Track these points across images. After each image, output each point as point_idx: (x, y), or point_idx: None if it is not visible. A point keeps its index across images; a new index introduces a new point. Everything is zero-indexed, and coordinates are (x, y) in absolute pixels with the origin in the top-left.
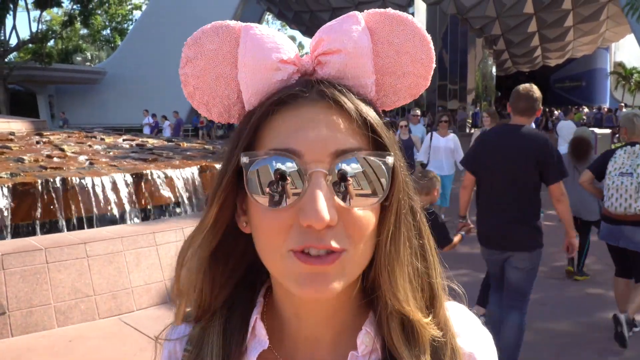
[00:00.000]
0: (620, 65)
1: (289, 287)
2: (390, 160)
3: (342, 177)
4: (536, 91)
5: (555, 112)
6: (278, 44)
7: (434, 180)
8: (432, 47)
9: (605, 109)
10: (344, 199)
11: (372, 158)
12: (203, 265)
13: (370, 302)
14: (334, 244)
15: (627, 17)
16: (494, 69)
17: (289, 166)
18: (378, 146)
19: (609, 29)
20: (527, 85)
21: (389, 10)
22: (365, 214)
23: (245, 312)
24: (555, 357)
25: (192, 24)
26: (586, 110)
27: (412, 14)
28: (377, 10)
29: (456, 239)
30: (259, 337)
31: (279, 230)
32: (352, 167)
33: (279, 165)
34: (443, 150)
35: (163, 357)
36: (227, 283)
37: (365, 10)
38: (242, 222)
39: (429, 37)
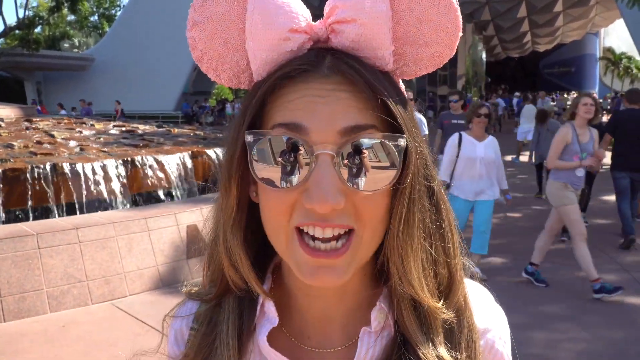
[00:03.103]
0: (610, 50)
1: (294, 271)
2: (402, 142)
3: (350, 161)
4: None
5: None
6: (287, 10)
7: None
8: (459, 14)
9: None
10: (351, 181)
11: (382, 140)
12: (235, 246)
13: (383, 277)
14: (339, 222)
15: (617, 2)
16: (483, 55)
17: (295, 146)
18: (391, 124)
19: (598, 14)
20: (636, 89)
21: None
22: (375, 195)
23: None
24: (548, 339)
25: (180, 10)
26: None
27: None
28: None
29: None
30: (268, 314)
31: (285, 210)
32: (360, 149)
33: (284, 145)
34: (482, 162)
35: (170, 340)
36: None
37: None
38: (252, 191)
39: (455, 3)
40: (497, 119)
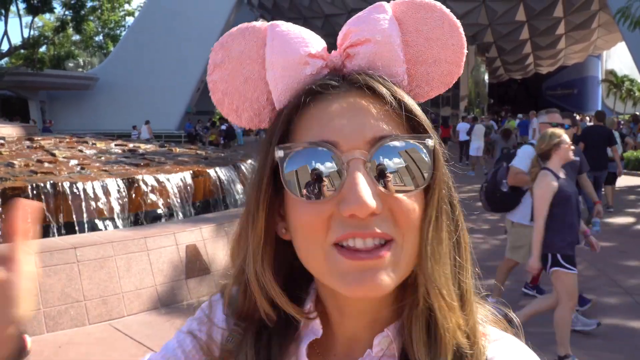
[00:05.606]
0: (612, 73)
1: (335, 287)
2: (430, 142)
3: (382, 164)
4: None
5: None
6: (305, 38)
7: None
8: (462, 33)
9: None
10: (386, 186)
11: (411, 142)
12: (267, 277)
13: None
14: (379, 230)
15: (619, 25)
16: (486, 76)
17: (327, 156)
18: (415, 130)
19: (601, 36)
20: (602, 110)
21: None
22: (410, 199)
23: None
24: None
25: (184, 31)
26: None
27: None
28: None
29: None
30: (312, 325)
31: (321, 224)
32: (391, 153)
33: (316, 156)
34: None
35: (169, 344)
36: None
37: (392, 0)
38: (281, 228)
39: (458, 22)
40: (490, 143)
